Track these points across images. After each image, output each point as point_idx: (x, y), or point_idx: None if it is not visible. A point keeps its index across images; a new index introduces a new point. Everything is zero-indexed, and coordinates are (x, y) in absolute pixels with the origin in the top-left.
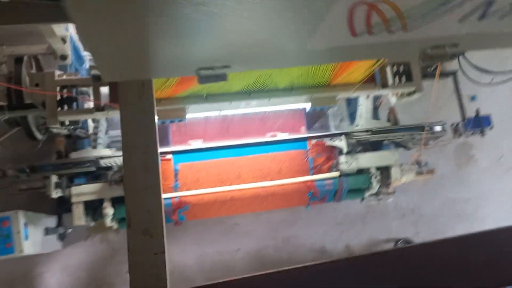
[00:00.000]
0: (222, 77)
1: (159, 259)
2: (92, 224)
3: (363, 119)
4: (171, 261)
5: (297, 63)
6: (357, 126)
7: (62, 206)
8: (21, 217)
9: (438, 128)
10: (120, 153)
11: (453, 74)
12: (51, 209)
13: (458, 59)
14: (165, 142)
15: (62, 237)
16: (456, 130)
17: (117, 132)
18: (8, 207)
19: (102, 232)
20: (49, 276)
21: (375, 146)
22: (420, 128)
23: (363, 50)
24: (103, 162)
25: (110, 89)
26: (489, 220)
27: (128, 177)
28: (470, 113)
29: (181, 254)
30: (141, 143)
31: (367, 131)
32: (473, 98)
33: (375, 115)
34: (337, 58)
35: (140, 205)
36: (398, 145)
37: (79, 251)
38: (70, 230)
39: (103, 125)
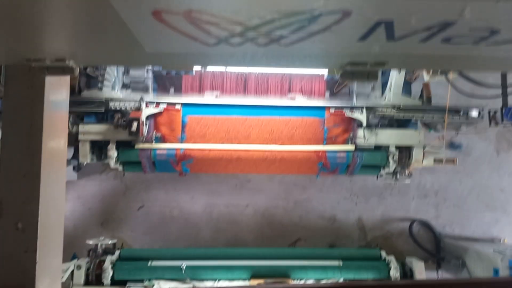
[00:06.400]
0: (373, 76)
1: (29, 257)
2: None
3: (392, 93)
4: (179, 207)
5: None
6: (385, 99)
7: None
8: None
9: (474, 114)
10: (134, 96)
11: None
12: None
13: None
14: (177, 91)
15: (78, 169)
16: (493, 118)
17: (139, 73)
18: None
19: None
20: None
21: (400, 122)
22: (453, 111)
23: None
24: (112, 105)
25: None
26: None
27: (5, 161)
28: None
29: (190, 201)
30: (25, 122)
31: (393, 107)
32: None
33: (407, 90)
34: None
35: (14, 195)
36: (426, 125)
37: (94, 183)
38: (85, 163)
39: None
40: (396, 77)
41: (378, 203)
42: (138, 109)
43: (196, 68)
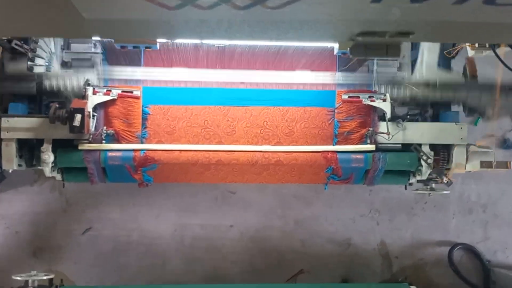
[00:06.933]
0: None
1: None
2: None
3: (425, 67)
4: (139, 229)
5: None
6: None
7: None
8: None
9: None
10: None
11: None
12: None
13: None
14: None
15: (1, 178)
16: None
17: (83, 46)
18: None
19: None
20: None
21: (436, 115)
22: (507, 89)
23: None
24: (47, 84)
25: None
26: None
27: None
28: None
29: (154, 221)
30: None
31: (427, 85)
32: None
33: (446, 67)
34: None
35: None
36: (471, 110)
37: (23, 198)
38: (10, 171)
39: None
40: (429, 46)
41: (407, 221)
42: (83, 96)
43: (161, 40)
